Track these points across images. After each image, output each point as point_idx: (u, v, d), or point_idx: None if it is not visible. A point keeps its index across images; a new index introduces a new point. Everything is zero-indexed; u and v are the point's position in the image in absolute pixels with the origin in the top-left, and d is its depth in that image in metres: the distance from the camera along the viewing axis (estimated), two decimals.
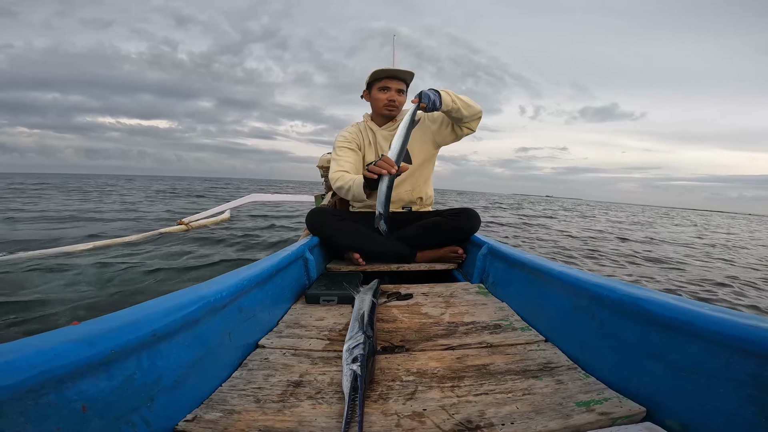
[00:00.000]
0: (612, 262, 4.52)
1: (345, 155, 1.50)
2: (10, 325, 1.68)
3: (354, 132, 1.57)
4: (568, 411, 0.54)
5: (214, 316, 0.64)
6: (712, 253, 6.26)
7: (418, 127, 1.48)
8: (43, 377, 0.35)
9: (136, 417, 0.44)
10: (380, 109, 1.50)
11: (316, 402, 0.56)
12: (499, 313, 0.96)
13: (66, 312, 1.85)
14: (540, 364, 0.69)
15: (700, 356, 0.50)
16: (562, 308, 0.80)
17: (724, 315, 0.48)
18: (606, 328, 0.66)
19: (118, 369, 0.43)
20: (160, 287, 2.38)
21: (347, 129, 1.59)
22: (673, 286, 3.44)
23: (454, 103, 1.29)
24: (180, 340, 0.54)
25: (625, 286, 0.66)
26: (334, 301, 1.05)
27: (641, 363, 0.58)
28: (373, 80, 1.49)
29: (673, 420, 0.51)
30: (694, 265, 4.77)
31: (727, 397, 0.46)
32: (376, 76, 1.47)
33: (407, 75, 1.48)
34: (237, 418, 0.52)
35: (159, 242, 3.90)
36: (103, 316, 0.48)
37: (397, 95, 1.48)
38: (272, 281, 0.93)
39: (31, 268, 2.57)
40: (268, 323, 0.87)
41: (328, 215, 1.47)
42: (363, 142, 1.56)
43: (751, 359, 0.44)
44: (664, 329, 0.55)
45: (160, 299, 0.57)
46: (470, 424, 0.51)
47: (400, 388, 0.60)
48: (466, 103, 1.33)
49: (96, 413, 0.40)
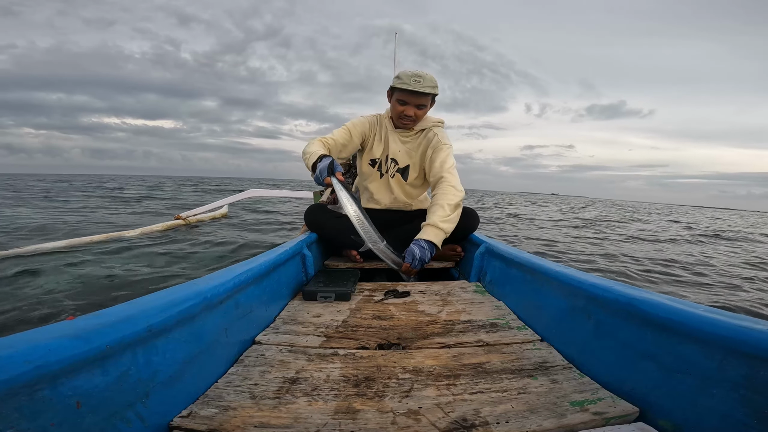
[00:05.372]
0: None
1: (339, 133, 1.47)
2: (6, 319, 1.68)
3: (369, 122, 1.54)
4: (562, 410, 0.54)
5: (211, 312, 0.64)
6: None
7: (423, 145, 1.50)
8: (38, 372, 0.35)
9: (131, 413, 0.44)
10: (395, 117, 1.48)
11: (311, 399, 0.56)
12: (495, 312, 0.97)
13: (60, 307, 1.85)
14: (535, 363, 0.69)
15: (693, 357, 0.50)
16: (558, 308, 0.80)
17: (718, 316, 0.49)
18: (602, 329, 0.67)
19: (113, 365, 0.43)
20: (155, 283, 2.38)
21: (365, 116, 1.56)
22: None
23: (447, 234, 1.29)
24: (176, 336, 0.54)
25: (621, 286, 0.66)
26: (331, 298, 1.05)
27: (636, 363, 0.58)
28: (395, 88, 1.41)
29: (666, 420, 0.51)
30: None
31: (720, 398, 0.46)
32: (398, 87, 1.39)
33: (427, 96, 1.40)
34: (232, 414, 0.52)
35: (157, 237, 3.89)
36: (99, 312, 0.48)
37: (414, 110, 1.42)
38: (269, 277, 0.93)
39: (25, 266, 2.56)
40: (265, 319, 0.87)
41: (326, 212, 1.47)
42: (373, 135, 1.54)
43: (744, 361, 0.44)
44: (659, 330, 0.55)
45: (156, 294, 0.56)
46: (465, 423, 0.51)
47: (396, 385, 0.60)
48: (454, 220, 1.33)
49: (90, 409, 0.40)
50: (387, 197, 1.58)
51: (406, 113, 1.41)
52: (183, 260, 2.99)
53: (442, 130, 1.52)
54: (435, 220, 1.27)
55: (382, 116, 1.56)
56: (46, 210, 6.36)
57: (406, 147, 1.52)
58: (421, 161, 1.51)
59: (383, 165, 1.54)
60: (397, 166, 1.53)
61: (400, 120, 1.46)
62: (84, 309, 1.81)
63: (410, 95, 1.38)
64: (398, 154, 1.51)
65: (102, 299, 2.00)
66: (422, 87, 1.34)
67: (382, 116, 1.57)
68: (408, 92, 1.37)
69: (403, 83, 1.35)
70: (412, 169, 1.53)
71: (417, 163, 1.52)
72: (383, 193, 1.58)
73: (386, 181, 1.56)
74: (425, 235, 1.25)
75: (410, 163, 1.52)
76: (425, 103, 1.42)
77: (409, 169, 1.53)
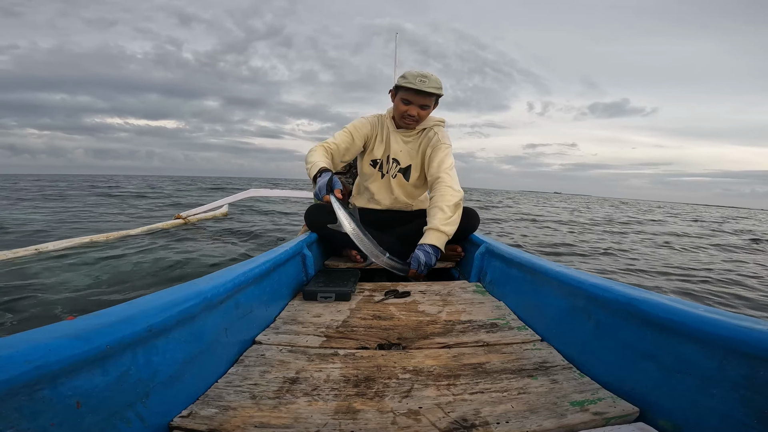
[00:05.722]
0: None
1: (341, 137, 1.47)
2: (7, 319, 1.68)
3: (370, 123, 1.53)
4: (562, 410, 0.54)
5: (211, 312, 0.64)
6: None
7: (423, 144, 1.50)
8: (38, 372, 0.35)
9: (131, 413, 0.44)
10: (397, 116, 1.48)
11: (312, 399, 0.56)
12: (495, 312, 0.97)
13: (60, 307, 1.85)
14: (535, 363, 0.69)
15: (693, 357, 0.50)
16: (558, 308, 0.80)
17: (718, 316, 0.49)
18: (602, 329, 0.67)
19: (113, 365, 0.43)
20: (155, 283, 2.38)
21: (367, 117, 1.56)
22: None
23: (449, 236, 1.30)
24: (176, 336, 0.54)
25: (621, 286, 0.66)
26: (331, 298, 1.05)
27: (636, 363, 0.58)
28: (400, 87, 1.40)
29: (666, 420, 0.51)
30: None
31: (720, 398, 0.46)
32: (402, 85, 1.38)
33: (432, 96, 1.39)
34: (232, 414, 0.52)
35: (156, 236, 3.89)
36: (99, 312, 0.48)
37: (418, 110, 1.41)
38: (270, 277, 0.93)
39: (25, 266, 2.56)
40: (265, 319, 0.87)
41: (326, 212, 1.47)
42: (375, 135, 1.54)
43: (744, 361, 0.44)
44: (659, 330, 0.55)
45: (156, 294, 0.56)
46: (465, 423, 0.51)
47: (396, 385, 0.60)
48: (456, 222, 1.33)
49: (90, 409, 0.40)
50: (388, 198, 1.58)
51: (410, 113, 1.41)
52: (183, 260, 2.99)
53: (442, 130, 1.52)
54: (436, 223, 1.27)
55: (384, 116, 1.56)
56: (46, 210, 6.37)
57: (408, 147, 1.51)
58: (422, 161, 1.51)
59: (384, 165, 1.54)
60: (398, 166, 1.53)
61: (402, 119, 1.45)
62: (84, 309, 1.81)
63: (415, 95, 1.37)
64: (400, 154, 1.51)
65: (102, 299, 2.00)
66: (427, 87, 1.34)
67: (383, 116, 1.56)
68: (413, 92, 1.36)
69: (409, 82, 1.35)
70: (413, 169, 1.53)
71: (418, 164, 1.52)
72: (384, 193, 1.57)
73: (387, 182, 1.56)
74: (428, 239, 1.25)
75: (412, 163, 1.52)
76: (429, 103, 1.41)
77: (411, 169, 1.53)
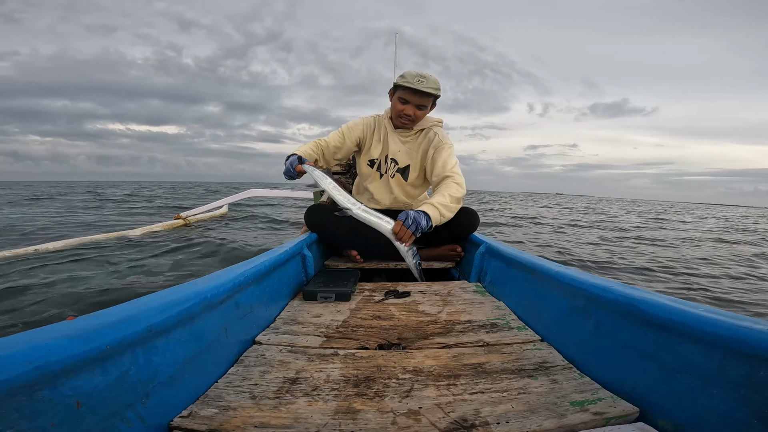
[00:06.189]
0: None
1: (333, 136, 1.51)
2: (8, 318, 1.68)
3: (364, 124, 1.54)
4: (562, 410, 0.54)
5: (211, 312, 0.64)
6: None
7: (423, 144, 1.50)
8: (38, 373, 0.35)
9: (131, 413, 0.44)
10: (394, 116, 1.48)
11: (312, 399, 0.56)
12: (495, 312, 0.97)
13: (60, 307, 1.85)
14: (535, 363, 0.69)
15: (694, 357, 0.50)
16: (558, 308, 0.80)
17: (718, 316, 0.49)
18: (602, 329, 0.67)
19: (113, 365, 0.43)
20: (155, 283, 2.38)
21: (364, 118, 1.57)
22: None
23: (443, 217, 1.27)
24: (176, 336, 0.54)
25: (621, 286, 0.66)
26: (331, 298, 1.05)
27: (636, 363, 0.58)
28: (398, 86, 1.41)
29: (666, 420, 0.51)
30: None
31: (720, 398, 0.46)
32: (401, 84, 1.39)
33: (429, 96, 1.39)
34: (232, 414, 0.52)
35: (156, 236, 3.90)
36: (99, 312, 0.48)
37: (414, 110, 1.41)
38: (270, 277, 0.93)
39: (26, 267, 2.56)
40: (265, 319, 0.87)
41: (326, 212, 1.46)
42: (372, 135, 1.55)
43: (744, 361, 0.44)
44: (659, 330, 0.55)
45: (156, 295, 0.56)
46: (465, 423, 0.51)
47: (396, 386, 0.60)
48: (453, 210, 1.31)
49: (90, 409, 0.40)
50: (387, 197, 1.58)
51: (406, 112, 1.41)
52: (182, 260, 2.99)
53: (441, 130, 1.52)
54: (433, 201, 1.26)
55: (381, 117, 1.56)
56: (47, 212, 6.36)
57: (406, 147, 1.52)
58: (422, 161, 1.51)
59: (383, 165, 1.54)
60: (397, 166, 1.53)
61: (399, 119, 1.46)
62: (84, 309, 1.81)
63: (412, 94, 1.38)
64: (398, 154, 1.52)
65: (102, 299, 2.00)
66: (425, 87, 1.34)
67: (381, 117, 1.57)
68: (410, 91, 1.37)
69: (407, 81, 1.35)
70: (412, 169, 1.53)
71: (417, 163, 1.52)
72: (383, 193, 1.58)
73: (386, 182, 1.56)
74: (422, 208, 1.22)
75: (411, 163, 1.52)
76: (426, 103, 1.41)
77: (410, 169, 1.53)
